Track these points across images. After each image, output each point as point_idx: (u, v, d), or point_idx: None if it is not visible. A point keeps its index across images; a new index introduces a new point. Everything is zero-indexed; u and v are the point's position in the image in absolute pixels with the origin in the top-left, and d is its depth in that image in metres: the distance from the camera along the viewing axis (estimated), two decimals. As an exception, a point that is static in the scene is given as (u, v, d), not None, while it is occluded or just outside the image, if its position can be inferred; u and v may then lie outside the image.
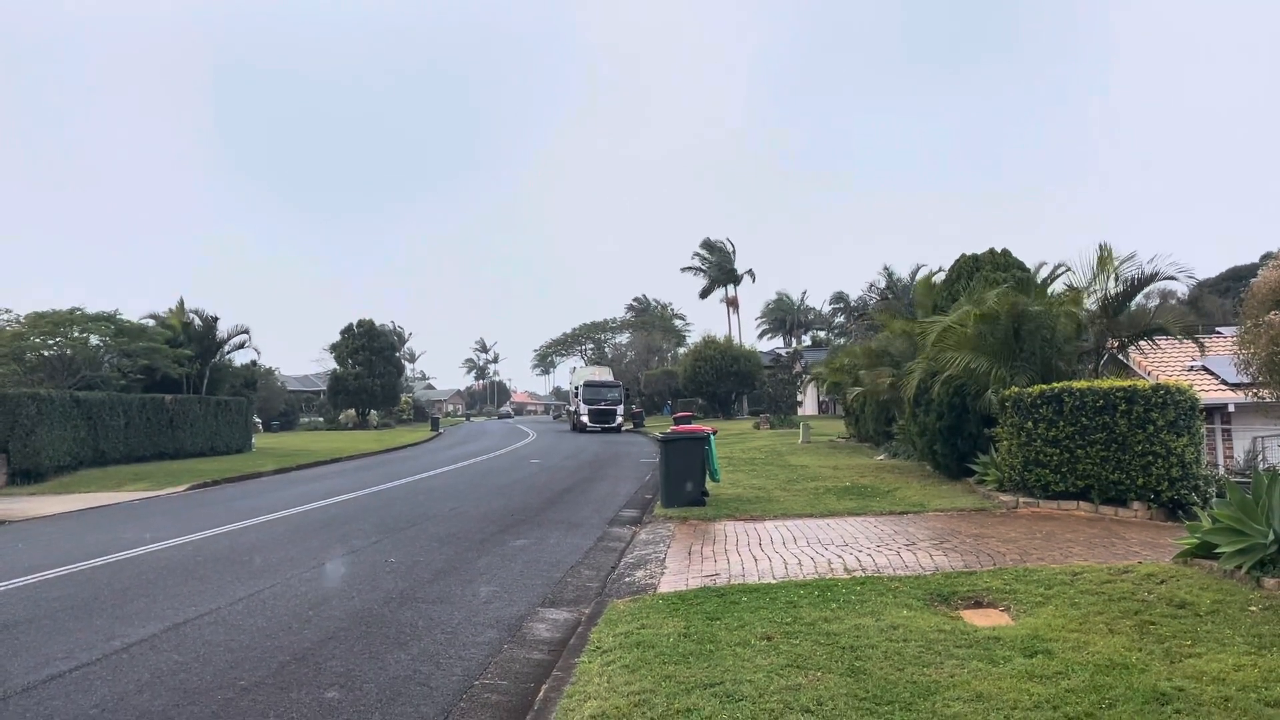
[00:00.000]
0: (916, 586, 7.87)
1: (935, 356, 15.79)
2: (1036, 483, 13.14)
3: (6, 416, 24.84)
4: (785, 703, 5.00)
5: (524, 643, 7.28)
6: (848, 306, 79.26)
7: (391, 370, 74.87)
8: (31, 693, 6.13)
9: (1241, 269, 58.61)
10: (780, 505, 14.49)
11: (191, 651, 7.03)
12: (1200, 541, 8.05)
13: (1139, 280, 14.67)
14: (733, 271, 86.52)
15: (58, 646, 7.31)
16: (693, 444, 14.81)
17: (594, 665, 6.09)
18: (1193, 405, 12.05)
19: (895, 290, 61.13)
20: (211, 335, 39.90)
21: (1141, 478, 11.86)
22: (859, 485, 16.97)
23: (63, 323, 31.75)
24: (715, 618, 7.04)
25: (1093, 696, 4.90)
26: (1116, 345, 15.61)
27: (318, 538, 12.98)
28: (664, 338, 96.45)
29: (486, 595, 8.94)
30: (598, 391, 53.90)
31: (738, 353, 67.72)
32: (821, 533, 11.58)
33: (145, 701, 5.90)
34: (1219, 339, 23.95)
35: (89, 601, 9.05)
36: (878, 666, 5.58)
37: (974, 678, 5.28)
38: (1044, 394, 12.98)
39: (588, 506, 16.29)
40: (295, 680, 6.24)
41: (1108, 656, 5.58)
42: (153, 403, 32.32)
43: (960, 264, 19.06)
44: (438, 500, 17.68)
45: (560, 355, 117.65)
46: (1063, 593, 7.30)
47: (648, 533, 12.51)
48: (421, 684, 6.15)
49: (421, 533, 13.19)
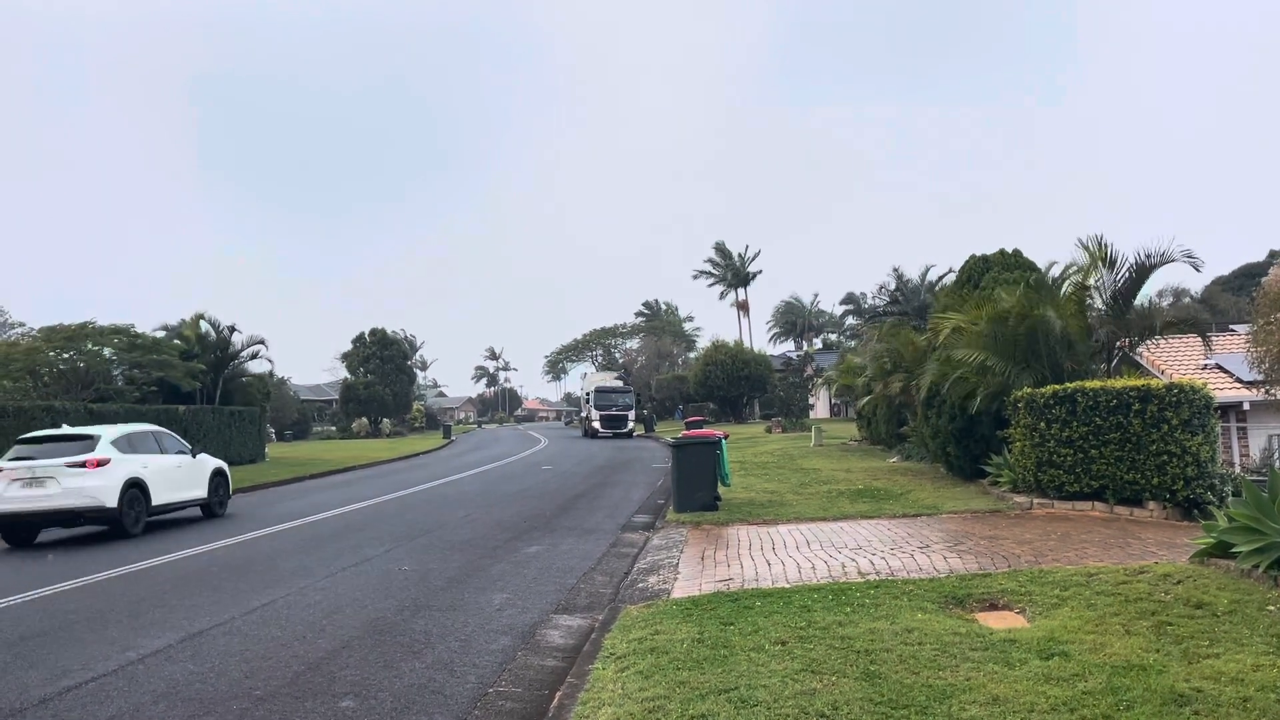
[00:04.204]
0: (931, 589, 7.84)
1: (947, 358, 15.76)
2: (1050, 483, 13.07)
3: (21, 430, 24.95)
4: (800, 708, 4.98)
5: (538, 650, 7.28)
6: (859, 309, 79.05)
7: (403, 378, 75.17)
8: (49, 704, 6.16)
9: (1254, 266, 58.30)
10: (793, 509, 14.45)
11: (207, 662, 7.06)
12: (1217, 541, 8.00)
13: (1144, 266, 14.48)
14: (743, 275, 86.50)
15: (74, 658, 7.34)
16: (705, 448, 14.79)
17: (608, 672, 6.08)
18: (1207, 404, 11.97)
19: (905, 291, 60.93)
20: (226, 346, 40.11)
21: (1156, 477, 11.79)
22: (872, 488, 16.93)
23: (76, 336, 31.97)
24: (729, 623, 7.02)
25: (1110, 698, 4.87)
26: (1127, 343, 15.53)
27: (331, 546, 13.02)
28: (674, 342, 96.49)
29: (500, 602, 8.95)
30: (609, 397, 53.94)
31: (748, 356, 67.69)
32: (835, 536, 11.54)
33: (161, 712, 5.92)
34: (1232, 337, 23.83)
35: (104, 613, 9.10)
36: (893, 670, 5.55)
37: (990, 681, 5.25)
38: (1057, 394, 12.92)
39: (600, 512, 16.29)
40: (310, 690, 6.26)
41: (1125, 658, 5.54)
42: (166, 414, 32.43)
43: (970, 264, 19.03)
44: (450, 507, 17.71)
45: (571, 361, 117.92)
46: (1079, 594, 7.25)
47: (660, 538, 12.49)
48: (436, 692, 6.15)
49: (434, 540, 13.21)
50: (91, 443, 15.51)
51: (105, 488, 14.99)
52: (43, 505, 14.75)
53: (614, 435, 51.29)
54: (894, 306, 60.72)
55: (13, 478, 14.79)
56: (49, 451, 15.34)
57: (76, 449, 15.33)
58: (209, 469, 18.41)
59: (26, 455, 15.29)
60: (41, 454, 15.26)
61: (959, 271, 19.99)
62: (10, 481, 14.76)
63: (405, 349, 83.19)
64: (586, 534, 13.55)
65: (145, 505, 15.88)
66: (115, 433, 16.19)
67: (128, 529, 15.27)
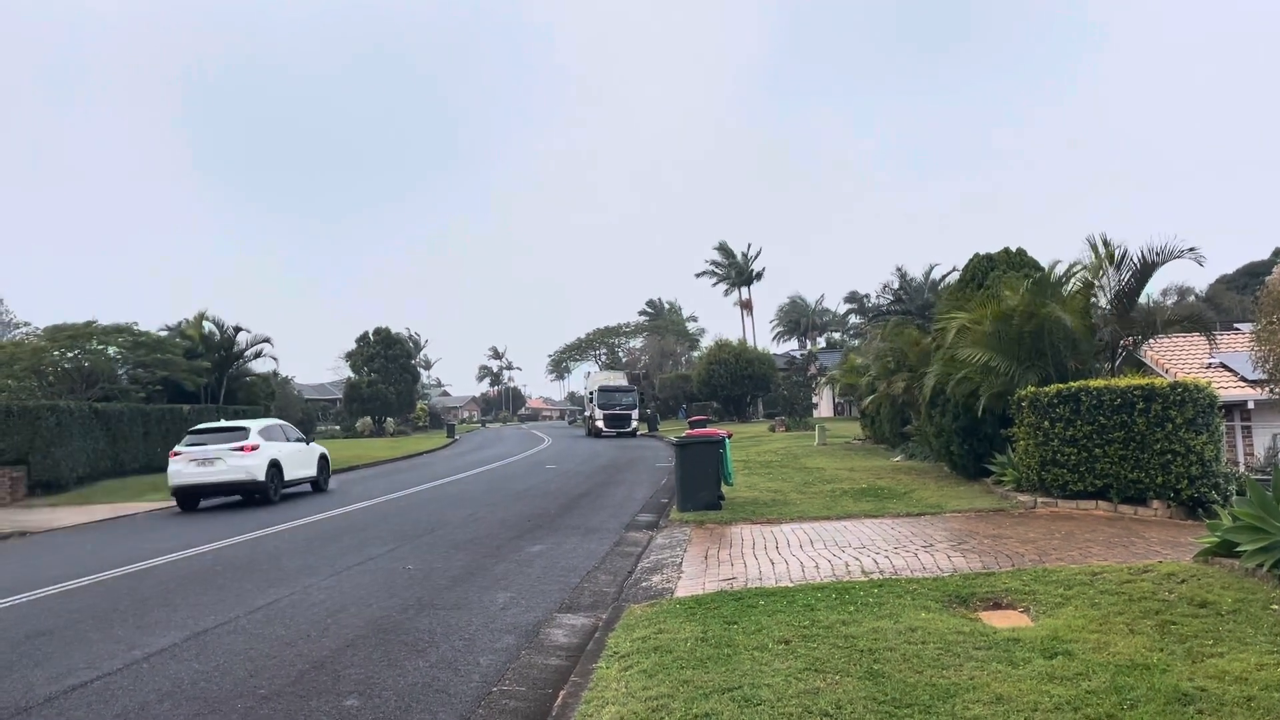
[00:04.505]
0: (935, 588, 7.84)
1: (951, 357, 15.75)
2: (1054, 482, 13.07)
3: (27, 429, 25.06)
4: (804, 706, 4.99)
5: (541, 649, 7.29)
6: (862, 308, 78.93)
7: (407, 378, 75.12)
8: (54, 702, 6.19)
9: (1259, 264, 58.25)
10: (797, 508, 14.46)
11: (212, 660, 7.08)
12: (1221, 540, 7.99)
13: (1148, 264, 14.46)
14: (747, 274, 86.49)
15: (79, 657, 7.37)
16: (708, 447, 14.80)
17: (612, 670, 6.09)
18: (1211, 402, 11.95)
19: (908, 290, 60.88)
20: (230, 346, 40.20)
21: (1161, 476, 11.77)
22: (875, 487, 16.92)
23: (80, 335, 32.04)
24: (732, 622, 7.02)
25: (1114, 697, 4.87)
26: (1131, 342, 15.50)
27: (335, 545, 13.04)
28: (677, 341, 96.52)
29: (504, 601, 8.96)
30: (612, 396, 53.95)
31: (752, 355, 67.67)
32: (838, 535, 11.54)
33: (167, 711, 5.94)
34: (1236, 335, 23.78)
35: (110, 611, 9.13)
36: (896, 669, 5.56)
37: (994, 680, 5.25)
38: (1061, 393, 12.91)
39: (604, 511, 16.30)
40: (315, 688, 6.27)
41: (1129, 657, 5.54)
42: (171, 413, 32.53)
43: (974, 263, 19.01)
44: (454, 507, 17.74)
45: (574, 360, 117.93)
46: (1082, 593, 7.25)
47: (664, 537, 12.50)
48: (440, 691, 6.17)
49: (438, 539, 13.23)
50: (244, 433, 20.04)
51: (257, 466, 19.67)
52: (213, 479, 19.56)
53: (617, 434, 51.28)
54: (897, 305, 60.66)
55: (190, 459, 19.58)
56: (215, 439, 19.92)
57: (235, 438, 19.89)
58: (317, 453, 23.09)
59: (199, 442, 19.94)
60: (210, 441, 19.88)
61: (963, 271, 19.97)
62: (188, 462, 19.58)
63: (409, 348, 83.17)
64: (590, 533, 13.56)
65: (280, 480, 20.58)
66: (258, 425, 20.81)
67: (270, 497, 20.00)
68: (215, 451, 19.53)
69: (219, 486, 19.79)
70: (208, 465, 19.50)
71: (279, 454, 20.60)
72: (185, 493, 19.87)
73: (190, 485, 19.67)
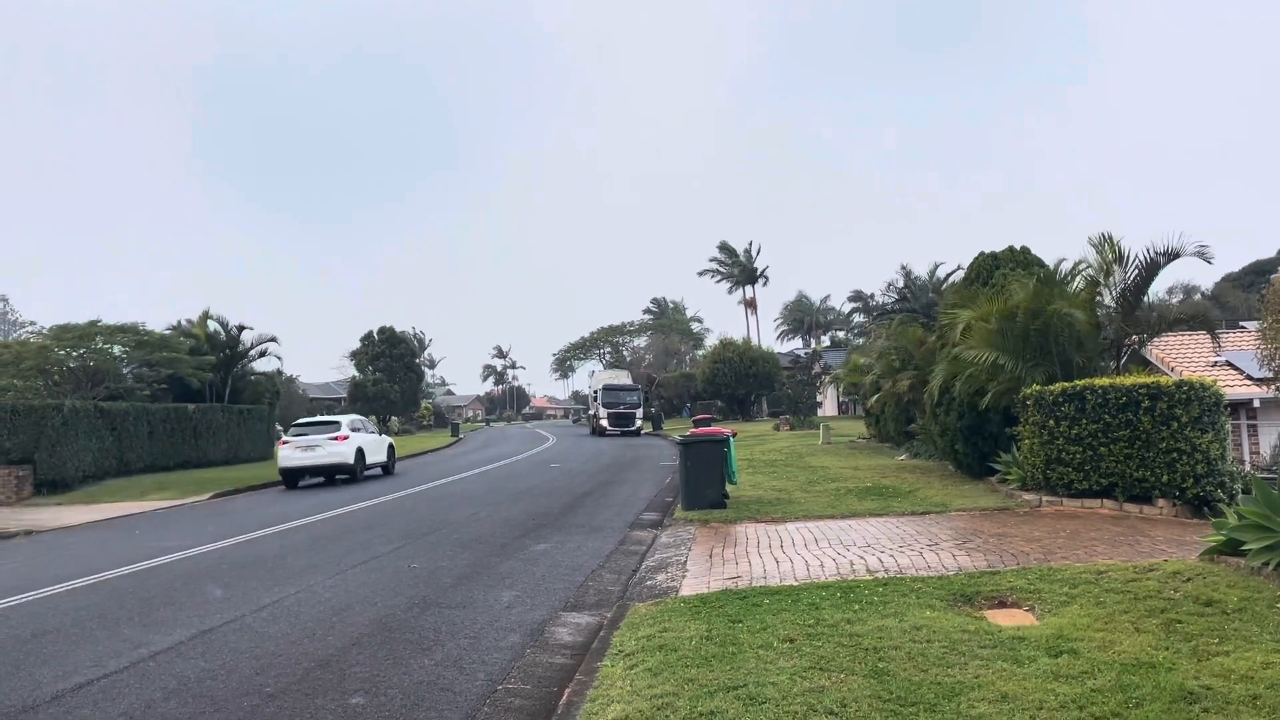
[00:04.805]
0: (940, 587, 7.83)
1: (956, 356, 15.73)
2: (1059, 481, 13.05)
3: (32, 428, 25.14)
4: (809, 705, 4.99)
5: (546, 647, 7.30)
6: (867, 306, 78.83)
7: (412, 377, 75.17)
8: (61, 700, 6.21)
9: (1264, 263, 58.15)
10: (801, 507, 14.45)
11: (217, 659, 7.10)
12: (1226, 538, 7.97)
13: (1153, 262, 14.43)
14: (751, 273, 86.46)
15: (85, 655, 7.40)
16: (712, 446, 14.79)
17: (616, 669, 6.10)
18: (1217, 401, 11.93)
19: (913, 289, 60.82)
20: (235, 345, 40.28)
21: (1166, 475, 11.75)
22: (880, 486, 16.90)
23: (85, 335, 32.13)
24: (737, 620, 7.03)
25: (1119, 696, 4.87)
26: (1137, 340, 15.48)
27: (340, 544, 13.07)
28: (682, 340, 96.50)
29: (508, 600, 8.97)
30: (616, 395, 53.95)
31: (756, 354, 67.60)
32: (843, 534, 11.54)
33: (172, 709, 5.96)
34: (1242, 334, 23.72)
35: (116, 610, 9.16)
36: (901, 668, 5.56)
37: (999, 678, 5.25)
38: (1066, 392, 12.89)
39: (608, 510, 16.31)
40: (320, 686, 6.29)
41: (1134, 655, 5.53)
42: (176, 412, 32.61)
43: (979, 262, 18.98)
44: (459, 505, 17.76)
45: (578, 359, 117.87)
46: (1088, 591, 7.24)
47: (669, 536, 12.50)
48: (445, 689, 6.18)
49: (443, 538, 13.24)
50: (338, 426, 25.17)
51: (348, 452, 24.63)
52: (315, 462, 24.29)
53: (622, 433, 51.30)
54: (902, 304, 60.57)
55: (296, 446, 24.32)
56: (315, 430, 24.90)
57: (331, 429, 24.90)
58: (386, 443, 28.14)
59: (303, 432, 24.90)
60: (312, 431, 24.81)
61: (968, 269, 19.93)
62: (295, 449, 24.28)
63: (414, 347, 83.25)
64: (594, 532, 13.56)
65: (363, 464, 25.57)
66: (347, 420, 26.11)
67: (357, 477, 24.99)
68: (316, 440, 24.24)
69: (318, 469, 24.40)
70: (310, 451, 24.08)
71: (363, 443, 25.51)
72: (291, 473, 24.36)
73: (296, 467, 24.19)
